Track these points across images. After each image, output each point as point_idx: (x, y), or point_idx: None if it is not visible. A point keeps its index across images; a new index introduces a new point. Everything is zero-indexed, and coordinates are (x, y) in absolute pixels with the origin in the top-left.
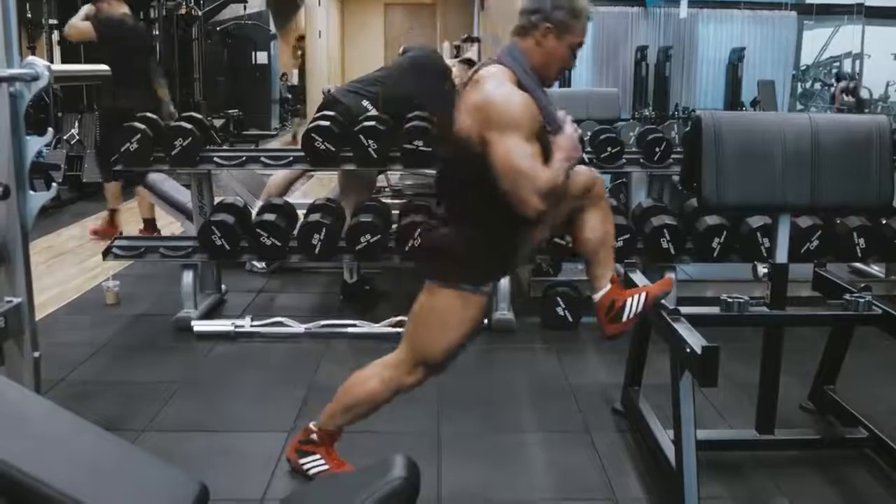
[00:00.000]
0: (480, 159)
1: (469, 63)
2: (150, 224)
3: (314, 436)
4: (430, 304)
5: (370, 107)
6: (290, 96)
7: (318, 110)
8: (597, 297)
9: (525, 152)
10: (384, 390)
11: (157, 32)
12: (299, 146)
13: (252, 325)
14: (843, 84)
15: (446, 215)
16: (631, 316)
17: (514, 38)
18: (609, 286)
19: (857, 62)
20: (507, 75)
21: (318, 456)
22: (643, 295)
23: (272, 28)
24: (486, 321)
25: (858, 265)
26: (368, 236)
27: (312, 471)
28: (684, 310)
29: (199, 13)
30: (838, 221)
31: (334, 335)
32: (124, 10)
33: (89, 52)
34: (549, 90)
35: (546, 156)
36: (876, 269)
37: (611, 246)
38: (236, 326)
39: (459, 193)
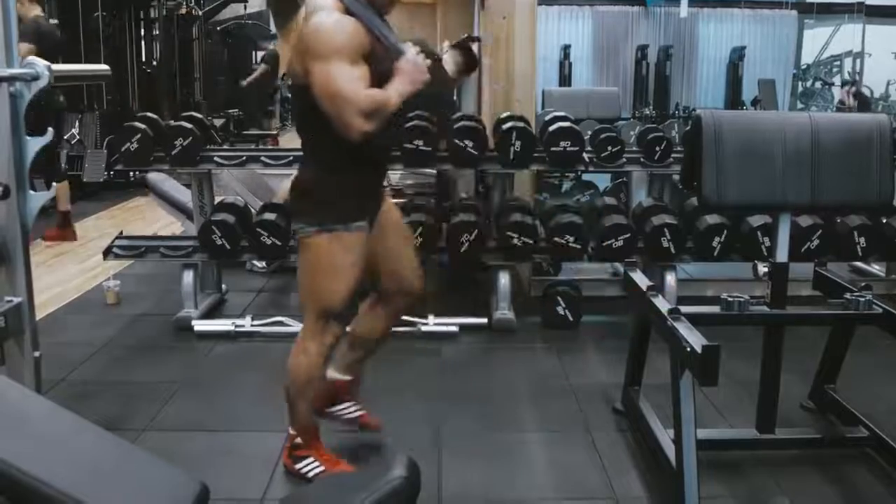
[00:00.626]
0: (307, 91)
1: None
2: (64, 218)
3: (297, 440)
4: (309, 256)
5: None
6: (290, 96)
7: None
8: (329, 374)
9: (346, 75)
10: (314, 361)
11: (158, 32)
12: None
13: (252, 325)
14: (852, 88)
15: (302, 157)
16: (336, 413)
17: None
18: (343, 377)
19: (858, 61)
20: (333, 5)
21: (310, 458)
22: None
23: (272, 28)
24: (486, 320)
25: (859, 264)
26: None
27: (311, 474)
28: (684, 309)
29: (200, 13)
30: (839, 220)
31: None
32: (37, 11)
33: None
34: (549, 90)
35: (386, 80)
36: (876, 268)
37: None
38: (237, 326)
39: (303, 132)
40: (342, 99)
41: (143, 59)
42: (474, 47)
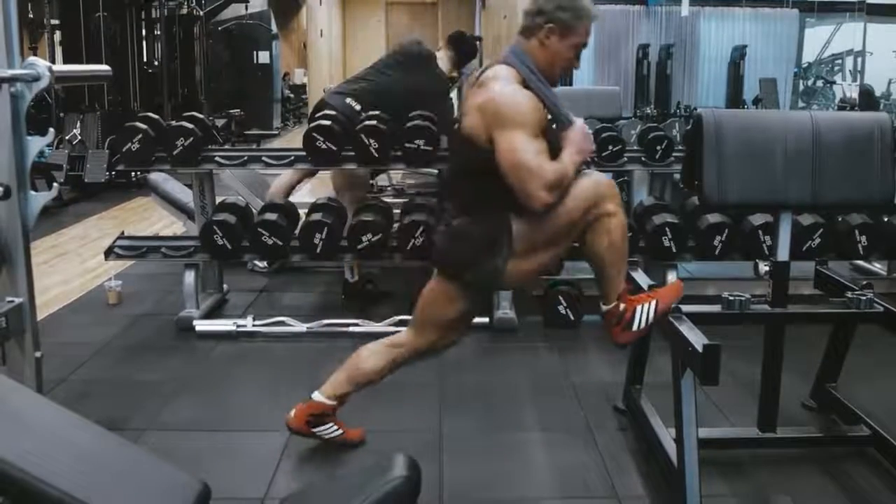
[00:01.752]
0: (488, 156)
1: (453, 43)
2: None
3: (622, 304)
4: (547, 221)
5: (355, 103)
6: (291, 95)
7: (312, 113)
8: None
9: (530, 148)
10: (622, 217)
11: (159, 32)
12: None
13: (254, 325)
14: (864, 88)
15: (464, 212)
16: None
17: (519, 39)
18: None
19: (859, 59)
20: (511, 74)
21: (643, 305)
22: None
23: (274, 28)
24: (487, 319)
25: (860, 263)
26: (370, 235)
27: (645, 322)
28: (686, 308)
29: (201, 13)
30: (840, 219)
31: (336, 334)
32: None
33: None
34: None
35: (556, 151)
36: (878, 267)
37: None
38: (238, 326)
39: (470, 189)
40: (528, 172)
41: (145, 59)
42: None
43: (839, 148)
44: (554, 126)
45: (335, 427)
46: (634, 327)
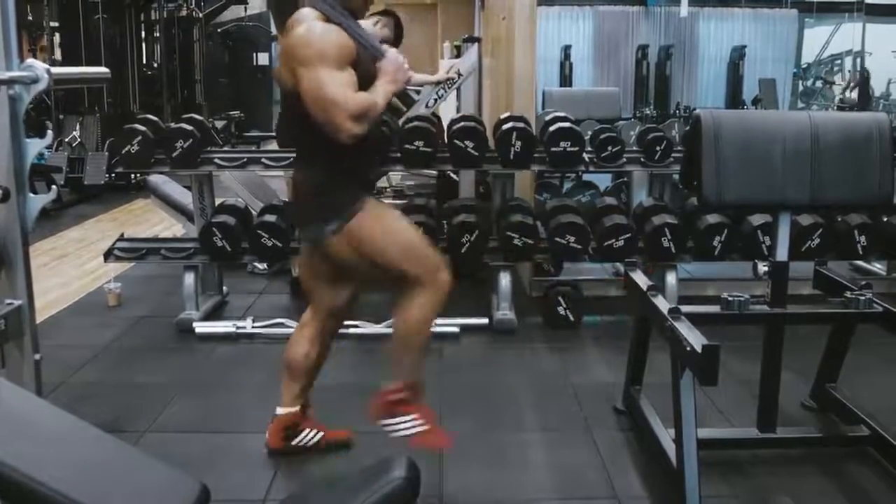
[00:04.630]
0: (298, 99)
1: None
2: None
3: (402, 394)
4: (364, 235)
5: None
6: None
7: None
8: (277, 411)
9: (333, 80)
10: (429, 311)
11: (158, 34)
12: None
13: (254, 327)
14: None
15: (299, 163)
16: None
17: None
18: (284, 410)
19: (859, 60)
20: (313, 14)
21: (412, 416)
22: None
23: (273, 30)
24: (487, 321)
25: (859, 263)
26: None
27: (410, 432)
28: (685, 308)
29: (200, 15)
30: (839, 219)
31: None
32: None
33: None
34: (549, 90)
35: (371, 82)
36: (877, 267)
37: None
38: (238, 328)
39: (298, 138)
40: (331, 104)
41: (144, 61)
42: (474, 47)
43: (838, 148)
44: (371, 57)
45: (313, 432)
46: (391, 422)
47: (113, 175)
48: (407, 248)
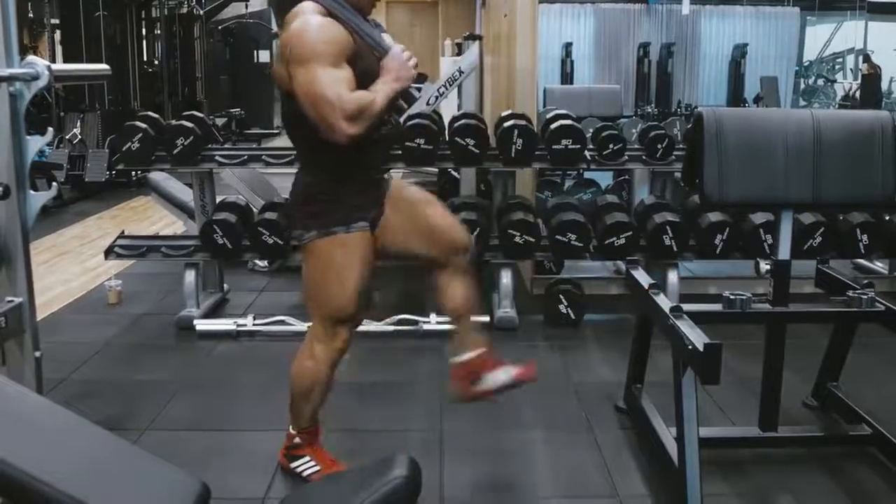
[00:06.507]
0: (294, 97)
1: None
2: None
3: (296, 439)
4: (312, 261)
5: None
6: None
7: None
8: (456, 360)
9: (327, 78)
10: (321, 366)
11: (159, 32)
12: None
13: (254, 324)
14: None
15: (298, 164)
16: (486, 389)
17: None
18: (470, 355)
19: (860, 58)
20: (313, 8)
21: (307, 458)
22: (507, 373)
23: (274, 27)
24: (488, 319)
25: (862, 261)
26: None
27: (306, 473)
28: (686, 307)
29: (201, 12)
30: (841, 217)
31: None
32: None
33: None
34: (550, 87)
35: (372, 79)
36: (879, 266)
37: (470, 317)
38: (239, 325)
39: (294, 138)
40: (324, 101)
41: (145, 58)
42: (475, 45)
43: (840, 146)
44: (374, 54)
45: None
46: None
47: (114, 172)
48: (326, 298)
